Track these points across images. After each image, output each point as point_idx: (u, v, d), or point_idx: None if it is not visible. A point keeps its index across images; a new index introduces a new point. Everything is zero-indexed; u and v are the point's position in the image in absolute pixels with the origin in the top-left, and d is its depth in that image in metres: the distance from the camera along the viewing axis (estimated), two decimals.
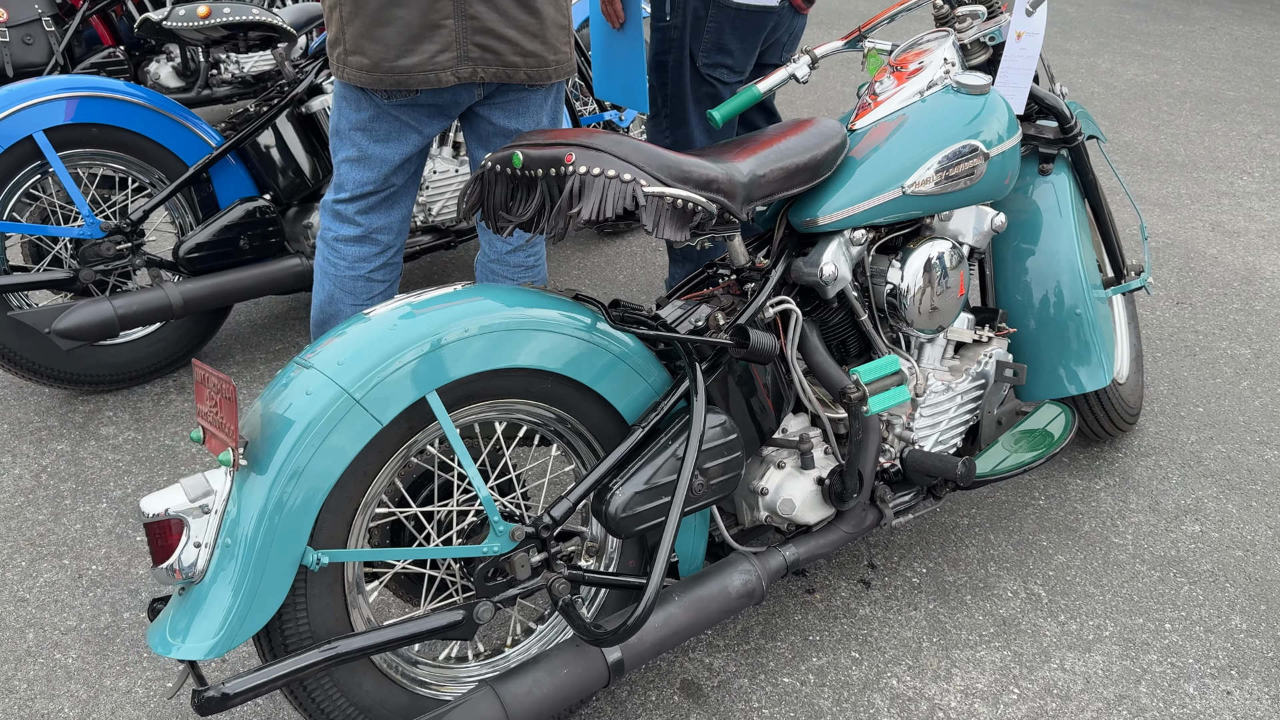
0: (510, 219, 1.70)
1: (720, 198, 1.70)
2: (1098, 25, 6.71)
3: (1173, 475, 2.58)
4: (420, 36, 2.04)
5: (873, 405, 1.86)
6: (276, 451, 1.48)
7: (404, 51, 2.04)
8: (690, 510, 1.77)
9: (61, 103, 2.62)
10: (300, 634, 1.55)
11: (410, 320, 1.58)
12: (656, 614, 1.74)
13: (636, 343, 1.78)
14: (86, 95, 2.66)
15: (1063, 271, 2.29)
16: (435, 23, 2.03)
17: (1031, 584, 2.23)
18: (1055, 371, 2.29)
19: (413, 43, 2.04)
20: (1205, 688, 1.99)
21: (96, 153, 2.72)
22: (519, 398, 1.70)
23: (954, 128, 2.02)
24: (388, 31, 2.03)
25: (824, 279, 1.93)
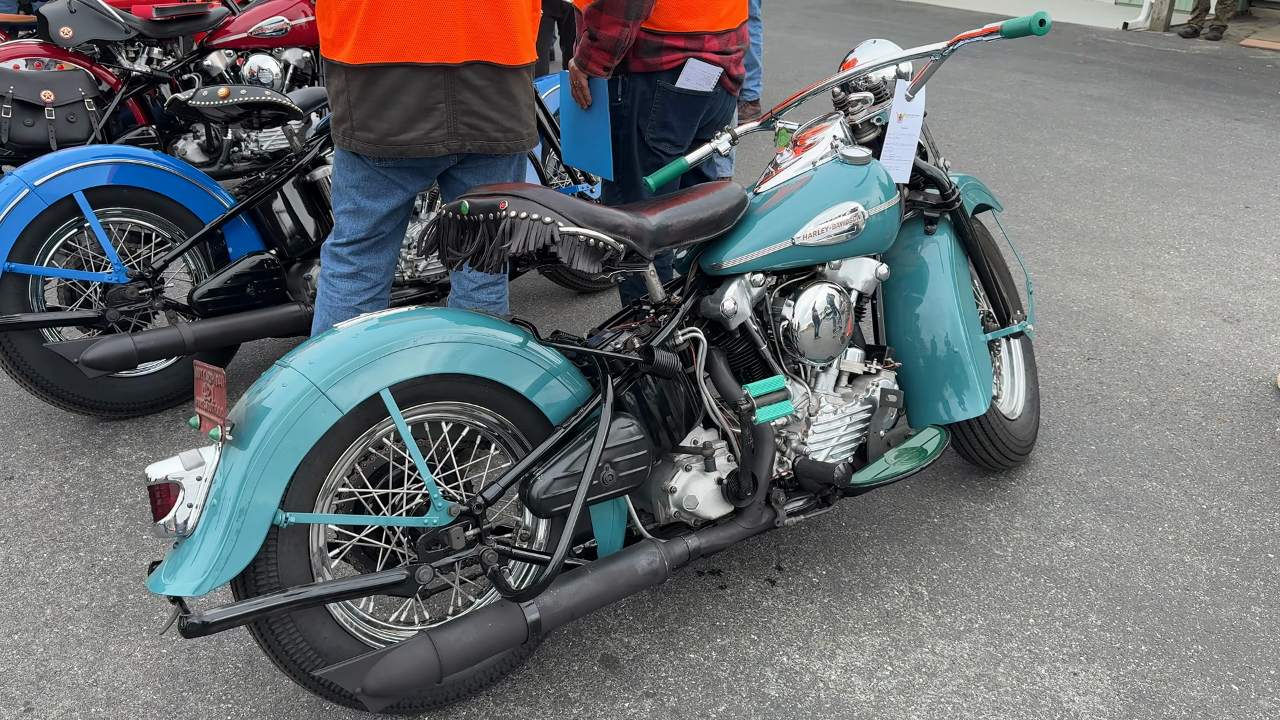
0: (458, 255, 2.10)
1: (627, 239, 2.09)
2: (1059, 116, 7.18)
3: (1057, 500, 2.91)
4: (417, 117, 2.46)
5: (760, 415, 2.22)
6: (256, 431, 1.85)
7: (404, 129, 2.46)
8: (603, 497, 2.12)
9: (99, 167, 3.07)
10: (270, 584, 1.91)
11: (372, 330, 1.96)
12: (571, 584, 2.08)
13: (562, 358, 2.15)
14: (120, 161, 3.10)
15: (944, 316, 2.66)
16: (430, 106, 2.46)
17: (916, 585, 2.56)
18: (937, 402, 2.65)
19: (411, 122, 2.46)
20: (1056, 670, 2.30)
21: (127, 210, 3.16)
22: (461, 400, 2.07)
23: (838, 191, 2.42)
24: (391, 113, 2.45)
25: (724, 313, 2.31)
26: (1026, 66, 8.92)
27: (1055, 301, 4.20)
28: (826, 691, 2.23)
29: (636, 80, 2.97)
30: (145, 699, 2.17)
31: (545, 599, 2.03)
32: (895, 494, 2.92)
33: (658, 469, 2.34)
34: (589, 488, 2.06)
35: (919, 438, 2.60)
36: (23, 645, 2.31)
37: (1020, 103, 7.59)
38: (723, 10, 2.92)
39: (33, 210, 2.98)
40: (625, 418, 2.16)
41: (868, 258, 2.52)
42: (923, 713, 2.17)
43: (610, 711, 2.16)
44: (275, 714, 2.14)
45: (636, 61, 2.94)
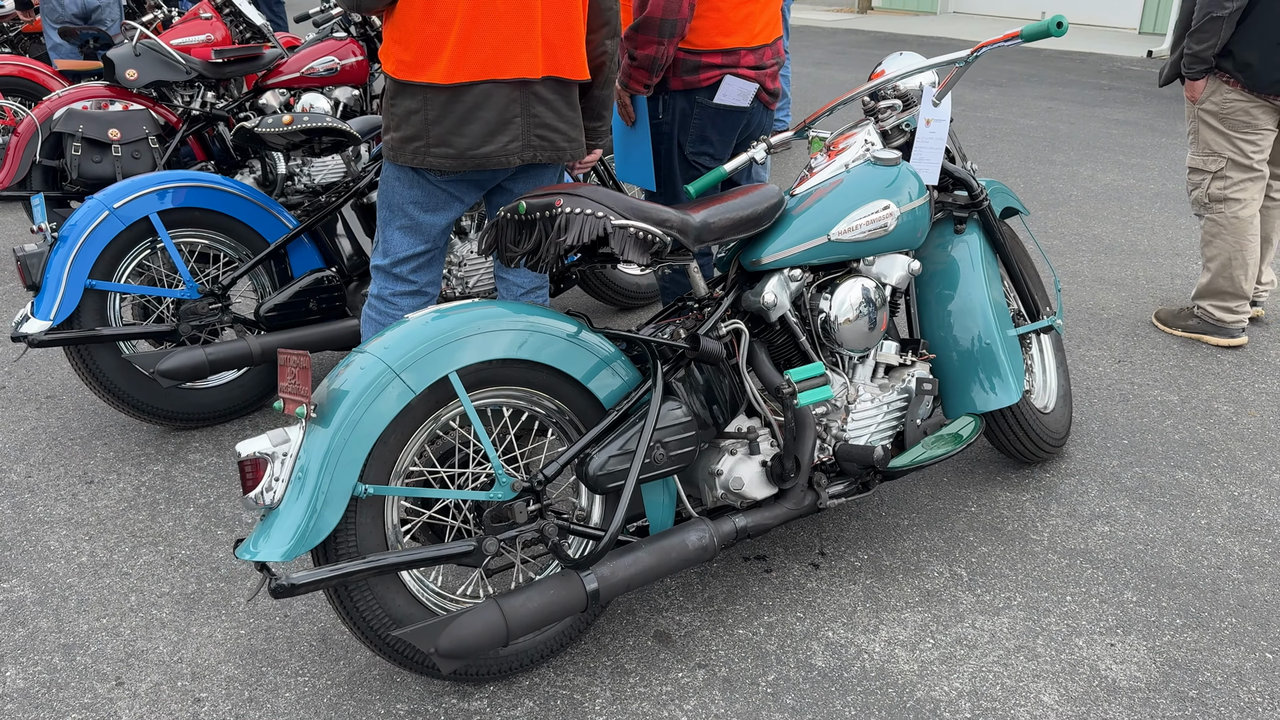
0: (516, 252, 2.25)
1: (674, 233, 2.24)
2: (1085, 139, 7.30)
3: (1091, 490, 3.00)
4: (497, 131, 2.62)
5: (801, 398, 2.35)
6: (337, 410, 2.01)
7: (484, 142, 2.62)
8: (654, 475, 2.25)
9: (172, 190, 3.27)
10: (350, 553, 2.05)
11: (439, 319, 2.12)
12: (627, 556, 2.21)
13: (613, 347, 2.30)
14: (192, 185, 3.31)
15: (975, 311, 2.78)
16: (509, 120, 2.62)
17: (956, 567, 2.66)
18: (971, 392, 2.76)
19: (491, 136, 2.62)
20: (1093, 641, 2.39)
21: (197, 231, 3.36)
22: (521, 385, 2.22)
23: (870, 190, 2.56)
24: (473, 128, 2.61)
25: (765, 305, 2.45)
26: (1051, 94, 9.05)
27: (1085, 310, 4.30)
28: (871, 662, 2.32)
29: (676, 98, 3.14)
30: (227, 673, 2.31)
31: (603, 569, 2.16)
32: (933, 485, 3.03)
33: (705, 454, 2.47)
34: (641, 465, 2.19)
35: (954, 425, 2.71)
36: (111, 628, 2.46)
37: (1046, 127, 7.72)
38: (757, 26, 3.09)
39: (112, 231, 3.18)
40: (674, 401, 2.30)
41: (900, 254, 2.65)
42: (965, 680, 2.27)
43: (665, 680, 2.28)
44: (350, 685, 2.27)
45: (676, 80, 3.11)
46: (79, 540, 2.80)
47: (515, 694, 2.24)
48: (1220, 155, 3.77)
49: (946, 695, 2.23)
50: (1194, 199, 3.92)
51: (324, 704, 2.22)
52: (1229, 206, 3.80)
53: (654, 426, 2.20)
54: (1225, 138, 3.75)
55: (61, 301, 3.12)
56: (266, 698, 2.24)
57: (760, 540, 2.77)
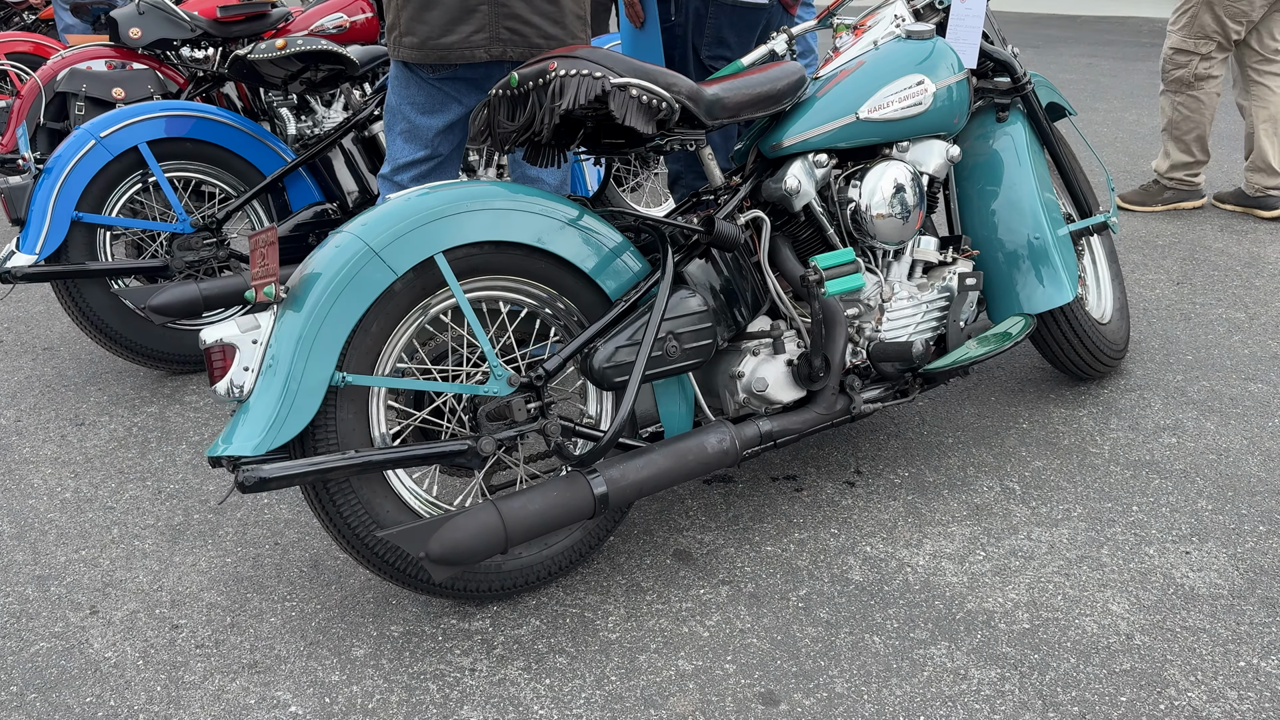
0: (510, 129, 2.05)
1: (683, 99, 2.02)
2: (1128, 89, 6.99)
3: (1155, 404, 2.73)
4: (458, 19, 2.43)
5: (829, 288, 2.12)
6: (311, 292, 1.81)
7: (445, 31, 2.43)
8: (667, 370, 2.03)
9: (163, 120, 3.11)
10: (330, 447, 1.85)
11: (425, 197, 1.92)
12: (639, 459, 1.98)
13: (620, 235, 2.08)
14: (183, 115, 3.14)
15: (1022, 206, 2.54)
16: (471, 8, 2.43)
17: (1007, 481, 2.41)
18: (1019, 292, 2.52)
19: (452, 24, 2.43)
20: (1165, 549, 2.13)
21: (190, 163, 3.19)
22: (518, 275, 2.01)
23: (902, 65, 2.33)
24: (433, 14, 2.43)
25: (787, 190, 2.22)
26: (1091, 52, 8.73)
27: (1139, 238, 4.02)
28: (915, 575, 2.09)
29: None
30: (209, 600, 2.12)
31: (612, 472, 1.94)
32: (979, 403, 2.78)
33: (725, 357, 2.25)
34: (649, 358, 1.98)
35: (1002, 325, 2.46)
36: (90, 560, 2.28)
37: (1087, 80, 7.42)
38: None
39: (99, 161, 3.02)
40: (689, 289, 2.08)
41: (937, 139, 2.42)
42: (1021, 591, 2.02)
43: (685, 598, 2.06)
44: (341, 609, 2.07)
45: None
46: (64, 478, 2.63)
47: (520, 613, 2.03)
48: (1211, 39, 4.01)
49: (1001, 606, 1.98)
50: (1176, 79, 4.13)
51: (311, 628, 2.02)
52: (1209, 84, 4.09)
53: (662, 314, 1.98)
54: (1220, 23, 3.98)
55: (47, 235, 2.96)
56: (249, 623, 2.05)
57: (790, 459, 2.54)
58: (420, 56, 2.46)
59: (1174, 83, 4.13)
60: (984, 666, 1.84)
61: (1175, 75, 4.12)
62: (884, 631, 1.93)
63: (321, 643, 1.98)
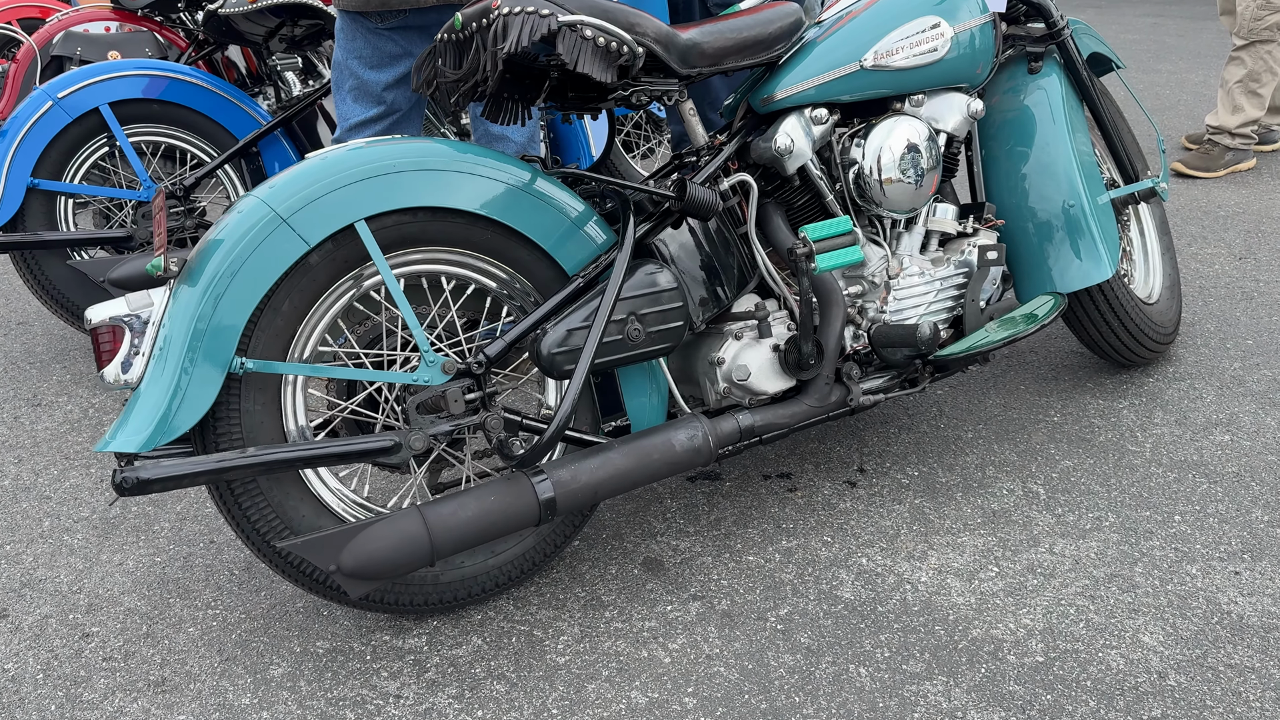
0: (453, 76, 1.79)
1: (648, 42, 1.75)
2: (1195, 49, 6.53)
3: (1207, 395, 2.41)
4: None
5: (820, 263, 1.84)
6: (208, 265, 1.58)
7: None
8: (629, 357, 1.78)
9: (127, 80, 2.90)
10: (233, 442, 1.62)
11: (349, 154, 1.67)
12: (595, 458, 1.73)
13: (581, 201, 1.82)
14: (149, 74, 2.93)
15: (1056, 170, 2.23)
16: None
17: (1031, 484, 2.12)
18: (1051, 267, 2.21)
19: None
20: (1210, 569, 1.83)
21: (157, 126, 2.99)
22: (459, 247, 1.76)
23: (916, 6, 2.03)
24: None
25: (778, 150, 1.94)
26: (1157, 11, 8.22)
27: (1199, 208, 3.66)
28: (915, 594, 1.81)
29: None
30: (128, 605, 1.92)
31: (561, 473, 1.69)
32: (1005, 393, 2.48)
33: (704, 340, 1.98)
34: (604, 343, 1.73)
35: (1028, 305, 2.16)
36: (13, 555, 2.09)
37: (1152, 40, 6.95)
38: None
39: (57, 124, 2.82)
40: (655, 264, 1.81)
41: (957, 91, 2.12)
42: (1037, 615, 1.74)
43: (649, 615, 1.81)
44: (266, 620, 1.85)
45: None
46: (5, 464, 2.45)
47: (462, 630, 1.80)
48: None
49: (1012, 634, 1.71)
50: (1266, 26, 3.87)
51: (230, 641, 1.81)
52: None
53: (618, 293, 1.71)
54: None
55: (1, 202, 2.78)
56: (165, 633, 1.84)
57: (785, 454, 2.28)
58: (361, 4, 2.22)
59: (1271, 29, 3.90)
60: (986, 708, 1.56)
61: (1267, 20, 3.88)
62: (872, 662, 1.67)
63: (238, 659, 1.77)
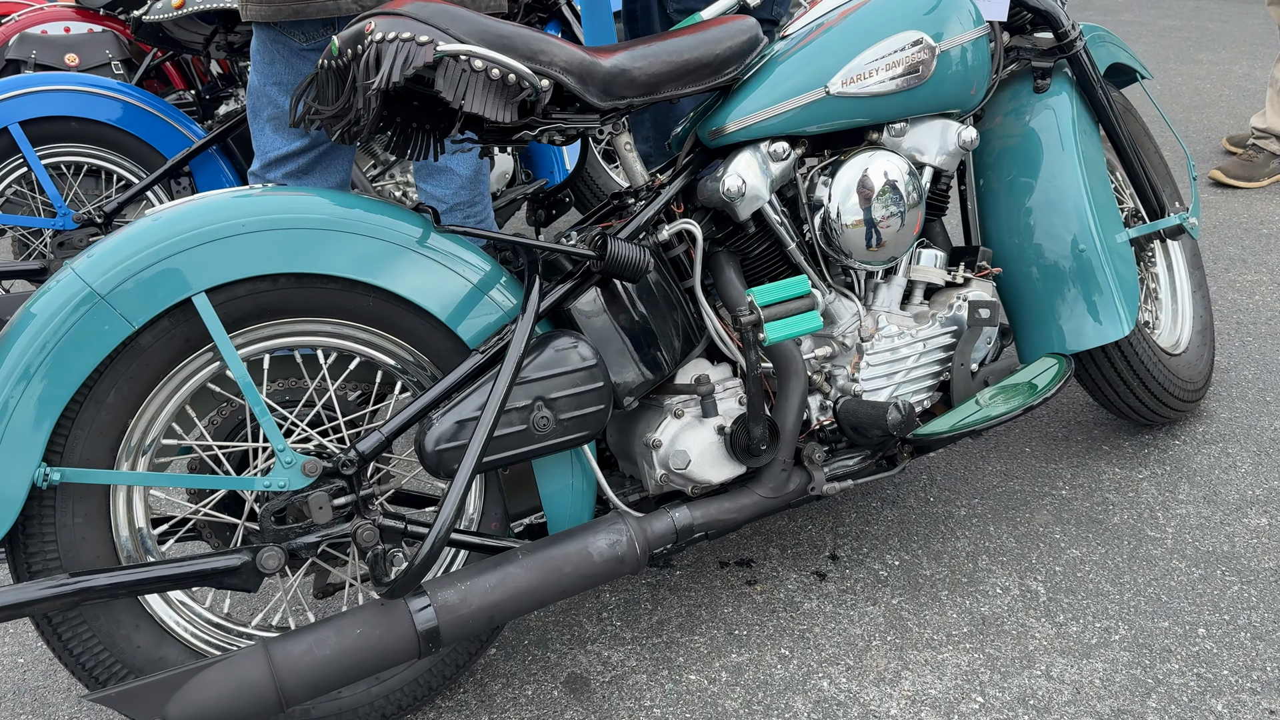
0: (327, 111, 1.50)
1: (554, 72, 1.45)
2: (1239, 37, 6.09)
3: (1243, 464, 2.08)
4: None
5: (770, 333, 1.53)
6: (9, 354, 1.31)
7: None
8: (530, 452, 1.48)
9: (38, 96, 2.64)
10: (48, 563, 1.35)
11: (191, 213, 1.39)
12: (490, 574, 1.45)
13: (487, 260, 1.53)
14: (64, 90, 2.67)
15: (1065, 206, 1.90)
16: None
17: (1030, 580, 1.80)
18: (1058, 322, 1.89)
19: None
20: (1239, 704, 1.52)
21: (77, 146, 2.73)
22: (336, 317, 1.47)
23: (895, 18, 1.71)
24: None
25: (726, 192, 1.63)
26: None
27: (1239, 224, 3.29)
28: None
29: None
30: None
31: (448, 594, 1.41)
32: (1007, 457, 2.16)
33: (642, 414, 1.68)
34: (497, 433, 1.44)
35: (1029, 369, 1.84)
36: None
37: (1193, 27, 6.51)
38: None
39: None
40: (569, 336, 1.52)
41: (946, 118, 1.80)
42: None
43: None
44: None
45: None
46: None
47: None
48: None
49: None
50: None
51: None
52: None
53: (512, 376, 1.42)
54: None
55: None
56: None
57: (749, 534, 1.98)
58: (271, 14, 1.93)
59: None
60: None
61: None
62: None
63: None
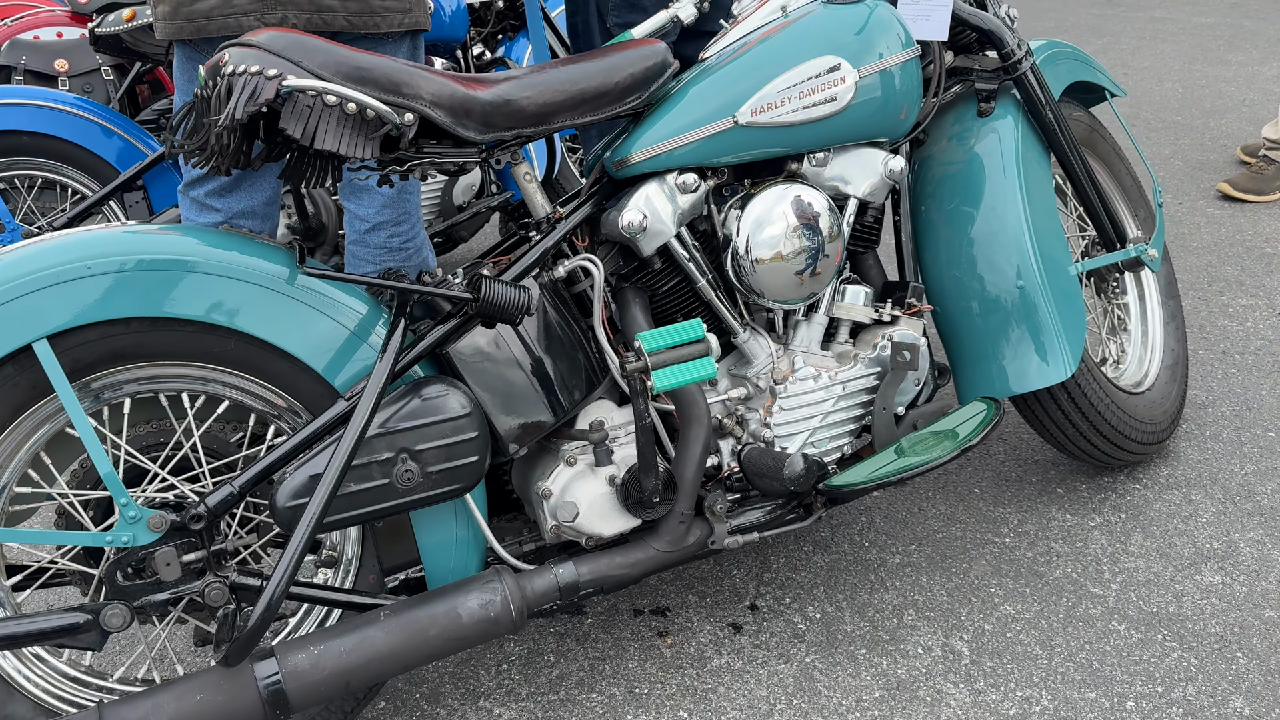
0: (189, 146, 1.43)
1: (420, 107, 1.36)
2: (1275, 36, 5.85)
3: (1205, 513, 1.95)
4: None
5: (658, 381, 1.44)
6: None
7: None
8: (401, 507, 1.41)
9: None
10: None
11: (33, 255, 1.32)
12: (349, 635, 1.37)
13: (360, 299, 1.45)
14: (15, 104, 2.64)
15: (1005, 238, 1.79)
16: None
17: (955, 639, 1.69)
18: (998, 364, 1.78)
19: None
20: None
21: (27, 160, 2.69)
22: (197, 360, 1.40)
23: (811, 43, 1.60)
24: None
25: (626, 228, 1.54)
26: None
27: (1241, 242, 3.13)
28: None
29: None
30: None
31: (299, 658, 1.34)
32: (954, 499, 2.04)
33: (539, 458, 1.60)
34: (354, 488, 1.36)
35: (956, 415, 1.73)
36: None
37: (1227, 24, 6.27)
38: None
39: None
40: (441, 383, 1.43)
41: (873, 146, 1.69)
42: None
43: None
44: None
45: None
46: None
47: None
48: None
49: None
50: None
51: None
52: None
53: (362, 427, 1.34)
54: None
55: None
56: None
57: (670, 579, 1.88)
58: (174, 31, 1.86)
59: None
60: None
61: None
62: None
63: None
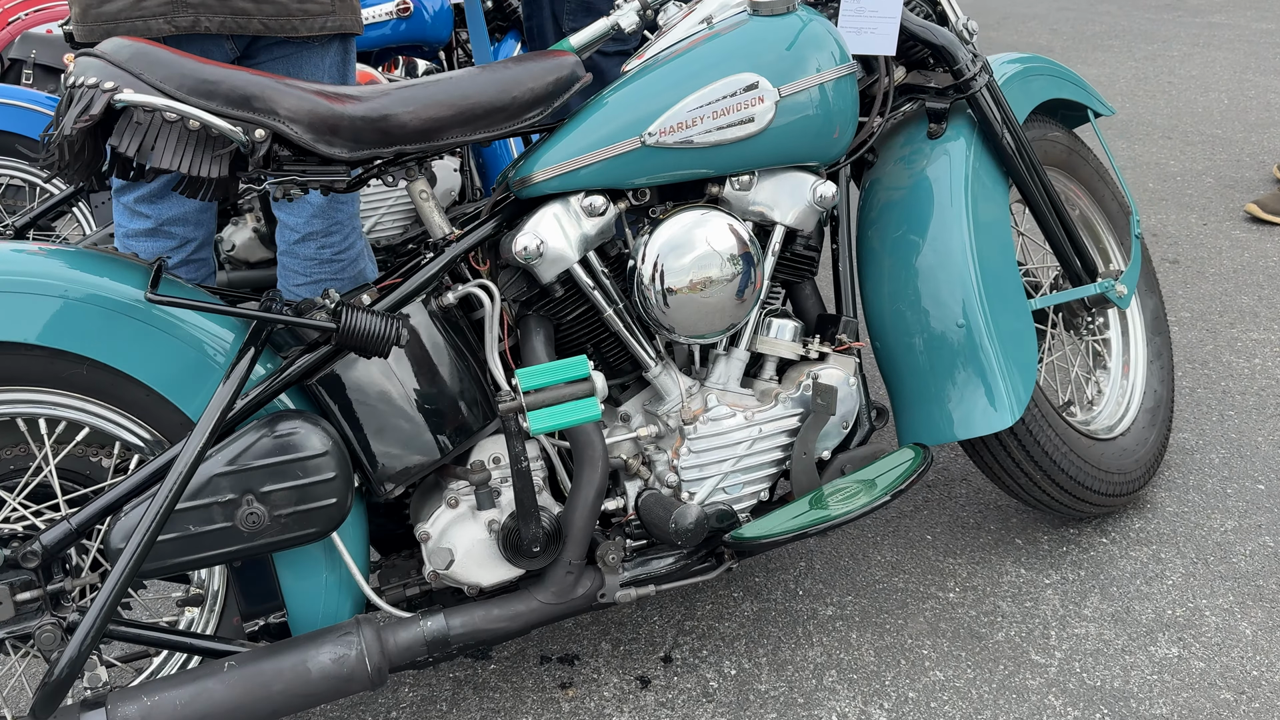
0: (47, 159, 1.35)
1: (275, 123, 1.26)
2: None
3: (1173, 573, 1.78)
4: None
5: (534, 422, 1.33)
6: None
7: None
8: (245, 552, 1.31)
9: None
10: None
11: None
12: (186, 687, 1.28)
13: (224, 325, 1.36)
14: None
15: (949, 271, 1.64)
16: None
17: (874, 707, 1.55)
18: (940, 406, 1.63)
19: None
20: None
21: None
22: (47, 386, 1.33)
23: (727, 59, 1.48)
24: None
25: (519, 253, 1.43)
26: None
27: (1263, 269, 2.92)
28: None
29: None
30: None
31: (129, 710, 1.25)
32: (903, 546, 1.90)
33: (426, 499, 1.50)
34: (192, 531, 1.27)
35: (883, 463, 1.59)
36: None
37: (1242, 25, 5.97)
38: None
39: None
40: (297, 419, 1.34)
41: (803, 170, 1.56)
42: None
43: None
44: None
45: None
46: None
47: None
48: None
49: None
50: None
51: None
52: None
53: (188, 469, 1.24)
54: None
55: None
56: None
57: (586, 621, 1.77)
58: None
59: None
60: None
61: None
62: None
63: None
